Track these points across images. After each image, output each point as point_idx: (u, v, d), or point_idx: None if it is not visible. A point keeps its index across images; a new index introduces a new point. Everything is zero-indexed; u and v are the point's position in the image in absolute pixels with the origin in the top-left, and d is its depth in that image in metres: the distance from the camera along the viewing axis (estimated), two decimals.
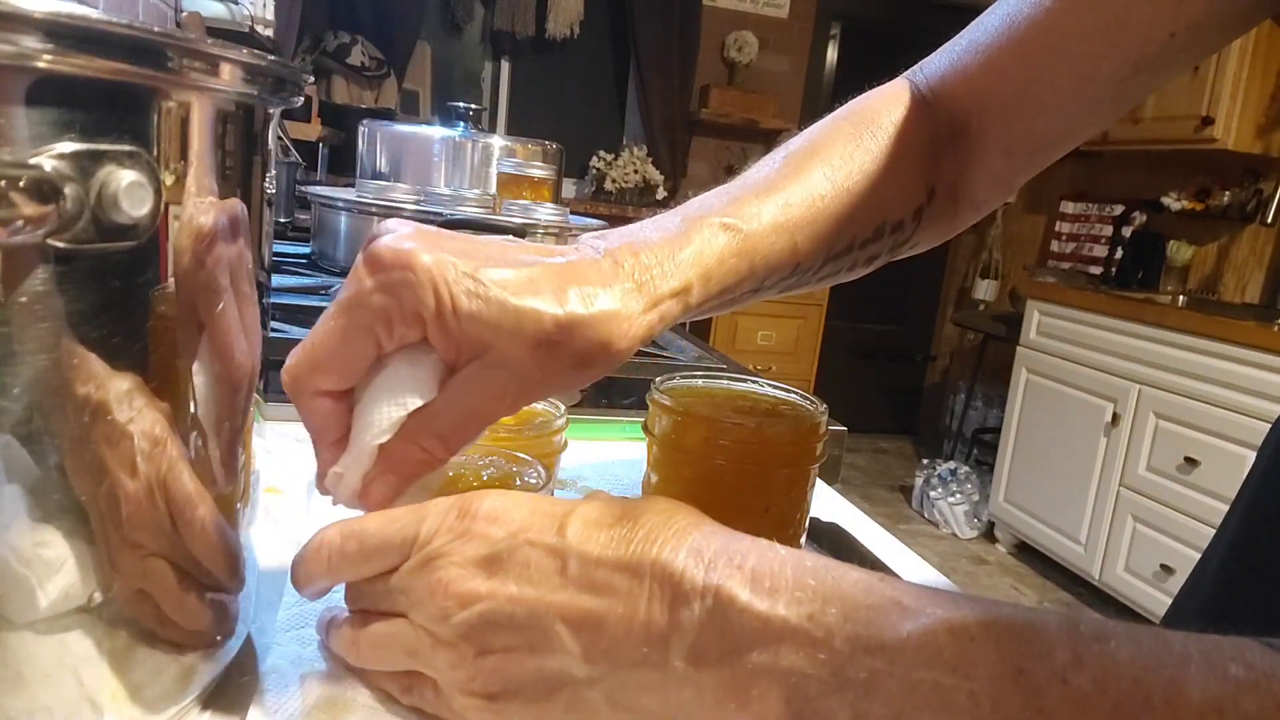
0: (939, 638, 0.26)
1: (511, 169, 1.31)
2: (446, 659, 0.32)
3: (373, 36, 3.31)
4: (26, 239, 0.23)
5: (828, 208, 0.46)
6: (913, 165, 0.50)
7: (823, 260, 0.47)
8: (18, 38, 0.22)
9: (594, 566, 0.31)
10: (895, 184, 0.49)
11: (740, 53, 3.94)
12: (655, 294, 0.38)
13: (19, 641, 0.26)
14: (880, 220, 0.49)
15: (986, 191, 0.54)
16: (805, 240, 0.45)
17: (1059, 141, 0.53)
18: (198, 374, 0.30)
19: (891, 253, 0.52)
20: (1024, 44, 0.48)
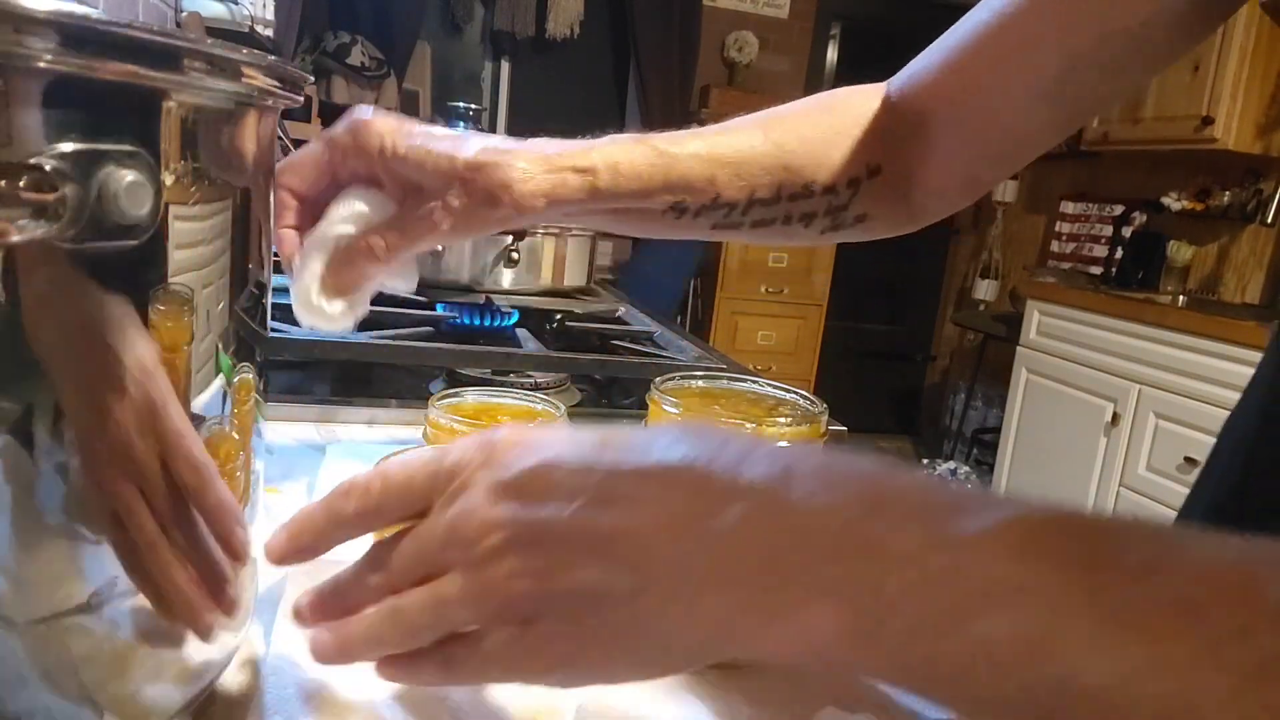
0: (1007, 533, 0.25)
1: None
2: (478, 589, 0.30)
3: (373, 36, 3.31)
4: (26, 239, 0.23)
5: (753, 154, 0.53)
6: (854, 141, 0.56)
7: (747, 200, 0.53)
8: (18, 37, 0.22)
9: (624, 479, 0.29)
10: (830, 152, 0.55)
11: (740, 53, 3.94)
12: (557, 164, 0.49)
13: (19, 641, 0.26)
14: (809, 179, 0.55)
15: (947, 186, 0.59)
16: (726, 175, 0.52)
17: (1020, 142, 0.57)
18: (202, 370, 0.30)
19: (833, 218, 0.57)
20: (976, 48, 0.54)
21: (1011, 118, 0.55)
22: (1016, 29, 0.52)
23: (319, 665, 0.37)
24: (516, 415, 0.57)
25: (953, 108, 0.56)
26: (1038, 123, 0.55)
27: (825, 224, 0.57)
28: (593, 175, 0.49)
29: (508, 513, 0.30)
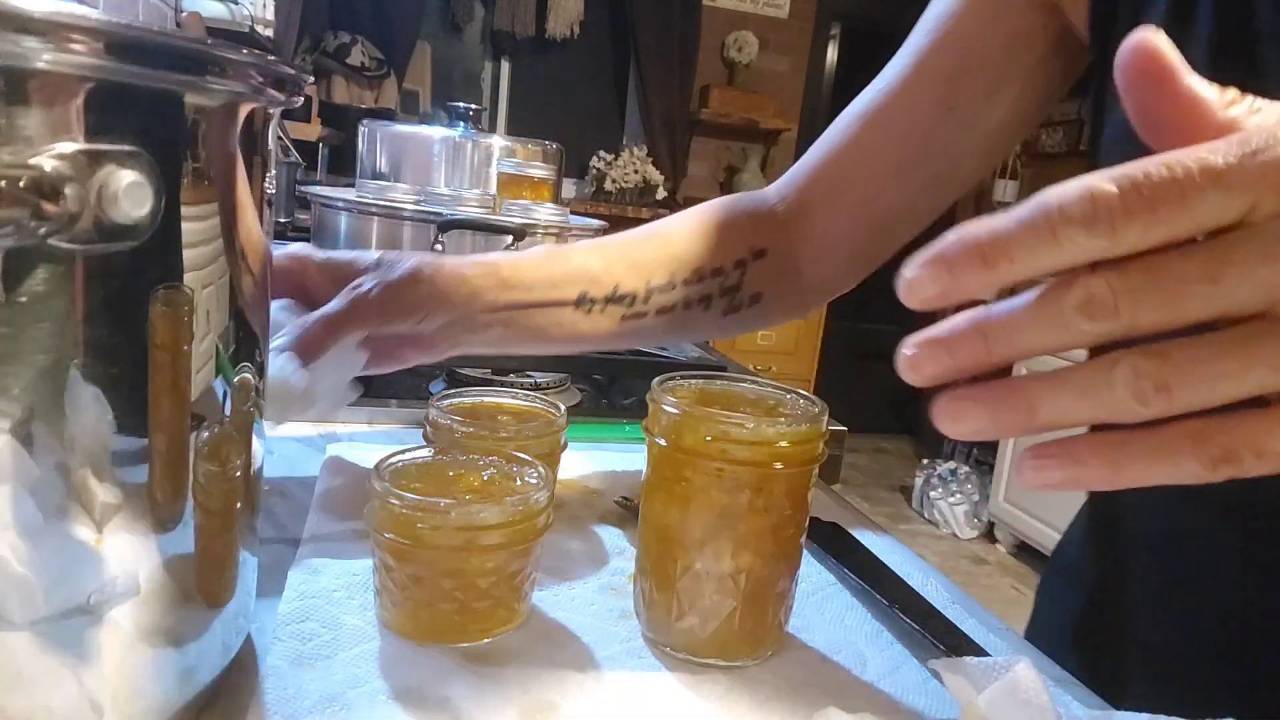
0: None
1: (511, 169, 1.31)
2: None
3: (373, 36, 3.31)
4: (26, 239, 0.23)
5: (642, 247, 0.62)
6: (737, 229, 0.64)
7: (645, 288, 0.60)
8: (18, 37, 0.22)
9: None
10: (715, 239, 0.63)
11: (740, 53, 3.94)
12: (456, 266, 0.55)
13: (19, 641, 0.26)
14: (699, 264, 0.62)
15: (835, 266, 0.67)
16: (620, 266, 0.59)
17: (901, 215, 0.64)
18: (202, 370, 0.30)
19: (729, 298, 0.63)
20: (845, 141, 0.63)
21: (886, 193, 0.63)
22: (876, 117, 0.61)
23: (318, 664, 0.36)
24: (517, 415, 0.57)
25: (829, 194, 0.64)
26: (913, 192, 0.63)
27: (723, 305, 0.63)
28: (497, 269, 0.56)
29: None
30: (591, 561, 0.51)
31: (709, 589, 0.41)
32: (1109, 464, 0.24)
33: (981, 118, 0.59)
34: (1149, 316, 0.22)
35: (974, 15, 0.57)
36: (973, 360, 0.24)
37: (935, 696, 0.41)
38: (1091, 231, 0.22)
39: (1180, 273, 0.22)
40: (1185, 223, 0.22)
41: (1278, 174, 0.21)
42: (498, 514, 0.41)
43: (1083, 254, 0.22)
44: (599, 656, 0.42)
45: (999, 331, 0.23)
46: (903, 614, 0.47)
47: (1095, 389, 0.23)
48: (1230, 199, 0.21)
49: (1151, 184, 0.21)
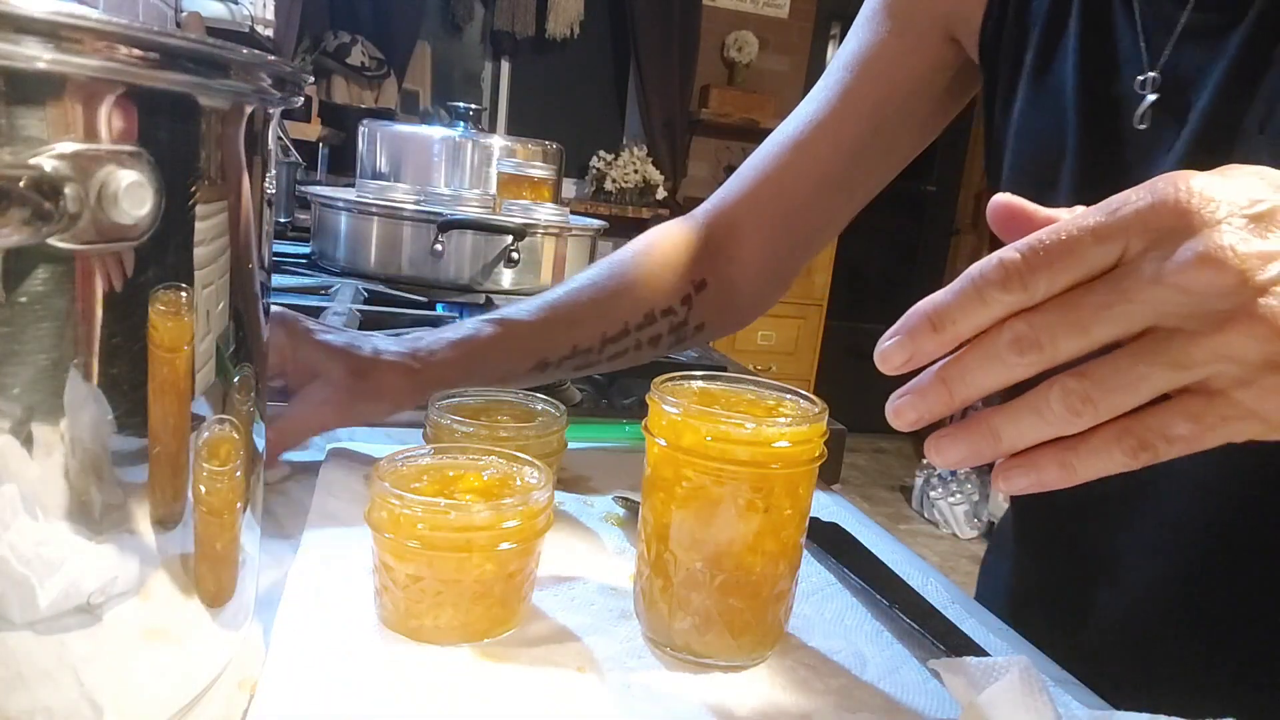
0: None
1: (511, 169, 1.31)
2: (1246, 336, 0.27)
3: (373, 36, 3.31)
4: (26, 239, 0.23)
5: (591, 303, 0.65)
6: (677, 266, 0.68)
7: (600, 341, 0.64)
8: (18, 38, 0.22)
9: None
10: (658, 282, 0.67)
11: (740, 53, 3.94)
12: (426, 358, 0.60)
13: (19, 641, 0.26)
14: (649, 308, 0.66)
15: (762, 281, 0.72)
16: (577, 328, 0.64)
17: (820, 229, 0.72)
18: (202, 370, 0.30)
19: (676, 334, 0.68)
20: (771, 165, 0.69)
21: (809, 211, 0.69)
22: (803, 143, 0.67)
23: (318, 664, 0.36)
24: (516, 415, 0.57)
25: (757, 215, 0.70)
26: (832, 209, 0.70)
27: (670, 341, 0.68)
28: (449, 351, 0.61)
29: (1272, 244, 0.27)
30: (591, 561, 0.51)
31: (708, 589, 0.41)
32: (1060, 465, 0.30)
33: (901, 139, 0.67)
34: (1066, 344, 0.28)
35: (895, 49, 0.65)
36: (940, 403, 0.30)
37: (935, 696, 0.41)
38: (1006, 289, 0.28)
39: (1082, 304, 0.28)
40: (1077, 270, 0.28)
41: (1138, 221, 0.27)
42: (498, 514, 0.40)
43: (1004, 308, 0.28)
44: (599, 656, 0.42)
45: (955, 377, 0.30)
46: (903, 614, 0.47)
47: (1038, 410, 0.29)
48: (1106, 247, 0.28)
49: (1046, 246, 0.28)
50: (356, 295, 1.03)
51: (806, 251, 0.74)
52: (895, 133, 0.67)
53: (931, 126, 0.68)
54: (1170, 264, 0.27)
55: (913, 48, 0.64)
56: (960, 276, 0.29)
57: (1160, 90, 0.49)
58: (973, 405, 0.31)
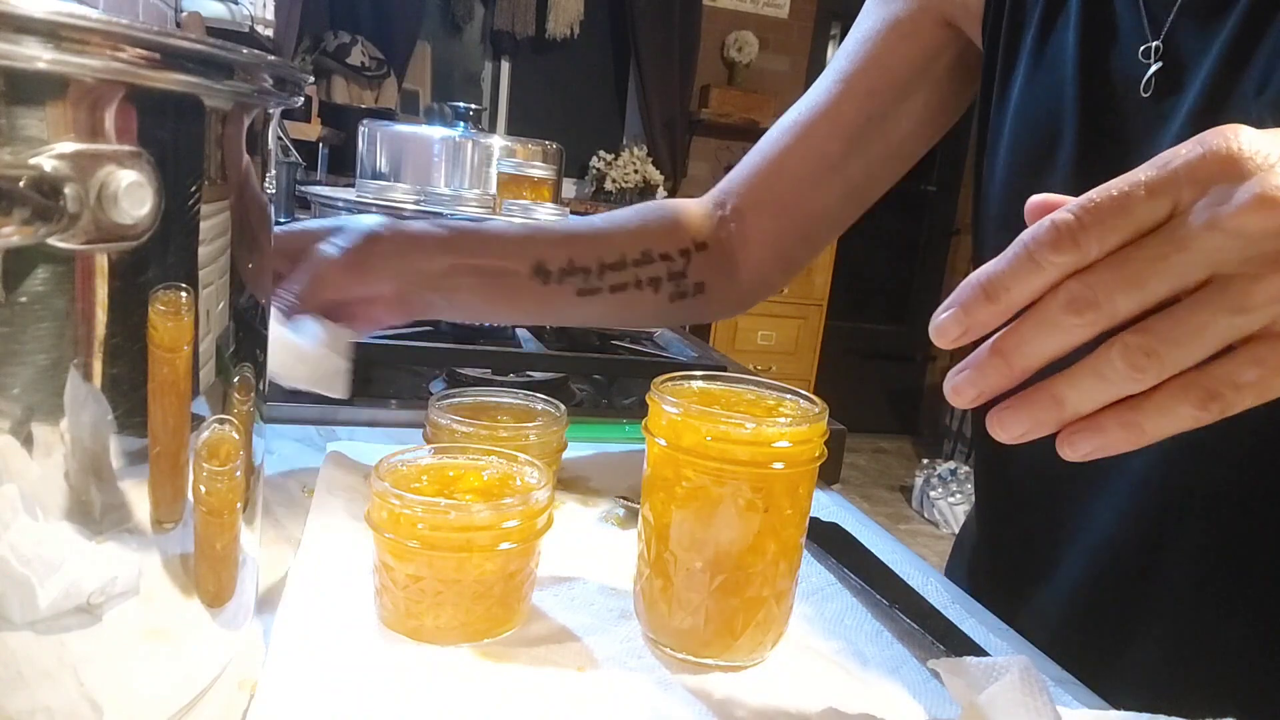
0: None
1: (511, 169, 1.31)
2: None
3: (373, 36, 3.31)
4: (26, 239, 0.23)
5: (588, 231, 0.68)
6: (682, 223, 0.71)
7: (599, 265, 0.65)
8: (18, 38, 0.22)
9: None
10: (661, 229, 0.70)
11: (740, 53, 3.94)
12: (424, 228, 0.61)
13: (19, 641, 0.26)
14: (646, 247, 0.67)
15: (766, 266, 0.74)
16: (573, 241, 0.65)
17: (821, 220, 0.72)
18: (202, 370, 0.30)
19: (676, 283, 0.69)
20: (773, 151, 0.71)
21: (808, 199, 0.71)
22: (803, 130, 0.69)
23: (319, 664, 0.36)
24: (516, 415, 0.57)
25: (759, 200, 0.71)
26: (832, 198, 0.71)
27: (671, 290, 0.69)
28: (454, 230, 0.62)
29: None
30: (591, 561, 0.51)
31: (708, 589, 0.41)
32: (1125, 425, 0.28)
33: (895, 126, 0.68)
34: (1124, 301, 0.27)
35: (891, 34, 0.66)
36: (999, 376, 0.29)
37: (935, 696, 0.41)
38: (1059, 250, 0.27)
39: (1137, 258, 0.27)
40: (1129, 226, 0.27)
41: (1188, 173, 0.27)
42: (498, 514, 0.40)
43: (1058, 270, 0.28)
44: (599, 656, 0.42)
45: (1012, 347, 0.29)
46: (903, 614, 0.47)
47: (1100, 371, 0.28)
48: (1157, 202, 0.27)
49: (1097, 204, 0.27)
50: None
51: (811, 241, 0.74)
52: (892, 119, 0.67)
53: (935, 116, 0.68)
54: (1224, 209, 0.26)
55: (907, 33, 0.65)
56: (1013, 243, 0.29)
57: (1163, 59, 0.50)
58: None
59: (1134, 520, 0.53)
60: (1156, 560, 0.53)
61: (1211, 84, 0.48)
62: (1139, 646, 0.53)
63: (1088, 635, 0.55)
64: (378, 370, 0.91)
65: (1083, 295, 0.27)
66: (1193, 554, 0.51)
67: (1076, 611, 0.56)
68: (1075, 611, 0.56)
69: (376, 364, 0.91)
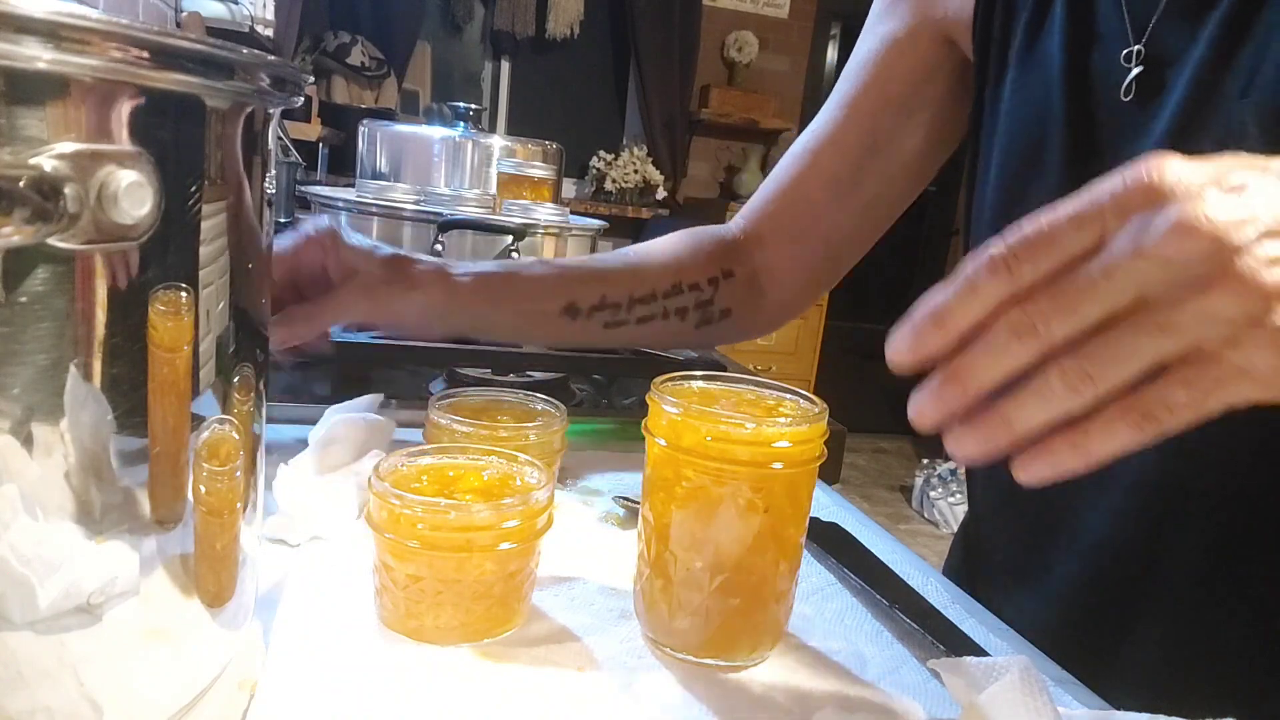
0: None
1: (511, 169, 1.31)
2: (1227, 294, 0.28)
3: (373, 36, 3.31)
4: (26, 239, 0.23)
5: (622, 266, 0.70)
6: (709, 253, 0.73)
7: (628, 300, 0.68)
8: (18, 38, 0.22)
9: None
10: (692, 259, 0.72)
11: (740, 53, 3.94)
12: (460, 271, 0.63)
13: (19, 641, 0.26)
14: (676, 280, 0.70)
15: (791, 290, 0.76)
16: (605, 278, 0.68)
17: (843, 242, 0.74)
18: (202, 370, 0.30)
19: (703, 311, 0.71)
20: (788, 176, 0.73)
21: (826, 221, 0.72)
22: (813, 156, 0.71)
23: (319, 664, 0.36)
24: (516, 415, 0.57)
25: (777, 226, 0.73)
26: (851, 218, 0.72)
27: (697, 317, 0.71)
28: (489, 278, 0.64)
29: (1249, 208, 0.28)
30: (591, 561, 0.51)
31: (708, 589, 0.41)
32: (1073, 447, 0.30)
33: (900, 145, 0.69)
34: (1059, 326, 0.29)
35: (890, 53, 0.67)
36: (955, 397, 0.31)
37: (935, 696, 0.41)
38: (995, 277, 0.30)
39: (1068, 286, 0.29)
40: (1059, 255, 0.29)
41: (1113, 203, 0.29)
42: (498, 514, 0.41)
43: (995, 297, 0.30)
44: (599, 656, 0.42)
45: (964, 371, 0.30)
46: (903, 614, 0.47)
47: (1041, 392, 0.30)
48: (1085, 231, 0.29)
49: (1028, 235, 0.30)
50: None
51: (835, 261, 0.76)
52: (897, 138, 0.68)
53: (940, 133, 0.69)
54: (1147, 236, 0.28)
55: (905, 50, 0.66)
56: (956, 273, 0.31)
57: (1144, 63, 0.51)
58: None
59: (1131, 521, 0.53)
60: (1154, 561, 0.52)
61: (1194, 87, 0.48)
62: (1138, 647, 0.53)
63: (1086, 636, 0.55)
64: (378, 370, 0.91)
65: (1021, 321, 0.29)
66: (1190, 554, 0.51)
67: (1073, 613, 0.56)
68: (1072, 613, 0.56)
69: (376, 364, 0.91)
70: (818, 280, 0.77)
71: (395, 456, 0.44)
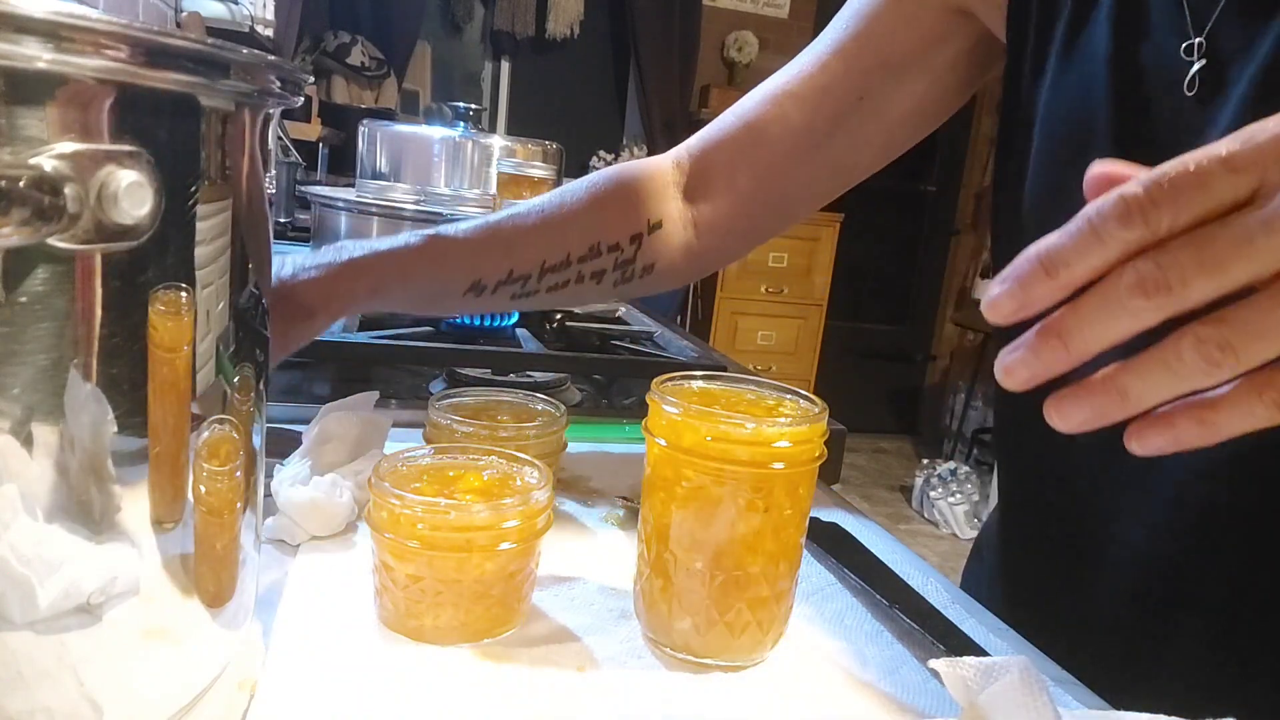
0: None
1: (511, 169, 1.31)
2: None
3: (373, 36, 3.30)
4: (26, 239, 0.23)
5: (534, 229, 0.61)
6: (633, 203, 0.65)
7: (539, 269, 0.61)
8: (18, 38, 0.22)
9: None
10: (617, 212, 0.64)
11: (740, 53, 3.94)
12: (349, 265, 0.56)
13: (19, 641, 0.26)
14: (594, 240, 0.62)
15: (730, 231, 0.68)
16: (515, 250, 0.60)
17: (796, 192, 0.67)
18: (202, 370, 0.30)
19: (622, 270, 0.64)
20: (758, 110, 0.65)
21: (789, 171, 0.65)
22: (791, 97, 0.64)
23: (319, 664, 0.36)
24: (516, 415, 0.57)
25: (733, 163, 0.66)
26: (814, 174, 0.66)
27: (615, 278, 0.64)
28: (379, 279, 0.57)
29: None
30: (591, 561, 0.51)
31: (708, 589, 0.41)
32: (1199, 423, 0.27)
33: (888, 108, 0.63)
34: (1199, 285, 0.25)
35: (893, 13, 0.62)
36: (1054, 358, 0.27)
37: (935, 696, 0.41)
38: (1128, 224, 0.25)
39: (1217, 238, 0.25)
40: (1205, 203, 0.25)
41: (1276, 149, 0.25)
42: (498, 514, 0.41)
43: (1124, 246, 0.26)
44: (599, 656, 0.42)
45: (1070, 328, 0.27)
46: (903, 614, 0.47)
47: (1169, 363, 0.26)
48: (1240, 178, 0.25)
49: (1171, 178, 0.25)
50: None
51: (782, 213, 0.70)
52: (884, 101, 0.63)
53: (932, 105, 0.64)
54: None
55: (911, 17, 0.61)
56: (1076, 216, 0.27)
57: (1206, 56, 0.48)
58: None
59: (1168, 536, 0.51)
60: (1191, 578, 0.51)
61: (1259, 85, 0.45)
62: (1173, 666, 0.52)
63: (1120, 656, 0.53)
64: (378, 370, 0.91)
65: (1153, 276, 0.25)
66: (1228, 572, 0.50)
67: (1106, 632, 0.54)
68: (1105, 632, 0.54)
69: (376, 364, 0.91)
70: (758, 227, 0.70)
71: (395, 456, 0.44)
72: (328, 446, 0.54)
